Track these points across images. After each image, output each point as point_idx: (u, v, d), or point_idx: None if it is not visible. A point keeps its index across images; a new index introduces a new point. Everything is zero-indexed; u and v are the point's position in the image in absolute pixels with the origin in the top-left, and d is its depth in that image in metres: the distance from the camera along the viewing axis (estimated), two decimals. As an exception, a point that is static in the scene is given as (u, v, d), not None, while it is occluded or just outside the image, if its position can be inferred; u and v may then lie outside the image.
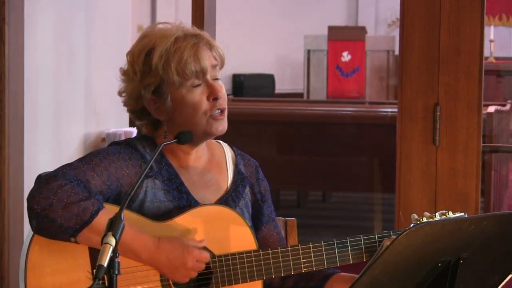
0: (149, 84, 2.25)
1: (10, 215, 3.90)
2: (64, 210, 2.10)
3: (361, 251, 2.28)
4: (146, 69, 2.25)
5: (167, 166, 2.29)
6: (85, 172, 2.19)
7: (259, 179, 2.43)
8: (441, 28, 3.58)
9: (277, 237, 2.43)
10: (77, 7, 4.96)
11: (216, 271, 2.23)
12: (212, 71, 2.26)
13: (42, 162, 4.50)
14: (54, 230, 2.11)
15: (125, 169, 2.24)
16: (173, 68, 2.22)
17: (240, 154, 2.44)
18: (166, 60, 2.23)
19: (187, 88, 2.24)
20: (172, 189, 2.27)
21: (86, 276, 2.16)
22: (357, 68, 11.32)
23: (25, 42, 4.03)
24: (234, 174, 2.39)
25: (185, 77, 2.22)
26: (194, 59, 2.23)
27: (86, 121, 5.10)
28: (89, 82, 5.07)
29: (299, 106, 8.22)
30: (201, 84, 2.25)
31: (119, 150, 2.26)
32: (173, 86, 2.24)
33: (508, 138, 7.44)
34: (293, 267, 2.26)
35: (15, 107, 3.96)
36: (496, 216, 1.98)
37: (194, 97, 2.24)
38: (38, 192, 2.12)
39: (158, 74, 2.23)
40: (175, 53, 2.22)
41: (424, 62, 3.60)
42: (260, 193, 2.42)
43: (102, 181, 2.20)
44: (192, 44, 2.24)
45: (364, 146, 6.79)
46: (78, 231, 2.11)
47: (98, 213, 2.12)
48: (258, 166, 2.45)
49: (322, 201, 8.49)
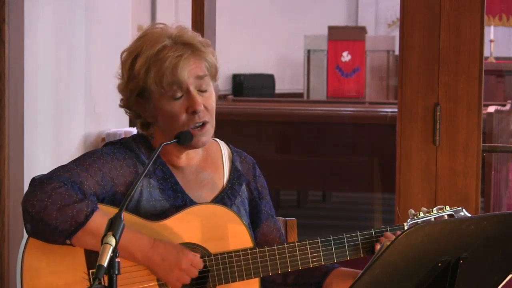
0: (133, 88, 2.26)
1: (10, 215, 3.90)
2: (59, 213, 2.10)
3: (358, 247, 2.28)
4: (130, 74, 2.25)
5: (162, 166, 2.29)
6: (79, 173, 2.19)
7: (256, 176, 2.42)
8: (441, 28, 3.58)
9: (277, 233, 2.43)
10: (77, 7, 4.96)
11: (213, 269, 2.23)
12: (197, 82, 2.23)
13: (42, 162, 4.50)
14: (49, 233, 2.12)
15: (119, 169, 2.24)
16: (152, 78, 2.21)
17: (236, 151, 2.43)
18: (147, 69, 2.22)
19: (167, 98, 2.23)
20: (167, 188, 2.27)
21: (82, 276, 2.17)
22: (357, 68, 11.32)
23: (25, 42, 4.03)
24: (230, 172, 2.38)
25: (162, 89, 2.21)
26: (172, 71, 2.20)
27: (86, 121, 5.10)
28: (89, 82, 5.07)
29: (299, 106, 8.22)
30: (183, 95, 2.23)
31: (113, 150, 2.26)
32: (154, 94, 2.24)
33: (508, 138, 7.44)
34: (290, 264, 2.26)
35: (15, 107, 3.96)
36: (496, 216, 1.98)
37: (173, 108, 2.22)
38: (33, 196, 2.12)
39: (140, 81, 2.23)
40: (156, 62, 2.21)
41: (424, 62, 3.60)
42: (257, 190, 2.42)
43: (96, 182, 2.20)
44: (176, 55, 2.21)
45: (364, 146, 6.79)
46: (73, 233, 2.12)
47: (92, 214, 2.12)
48: (254, 163, 2.44)
49: (322, 201, 8.49)
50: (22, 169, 4.00)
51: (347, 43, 11.33)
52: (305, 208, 8.15)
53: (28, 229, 2.14)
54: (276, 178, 6.59)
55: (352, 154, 6.80)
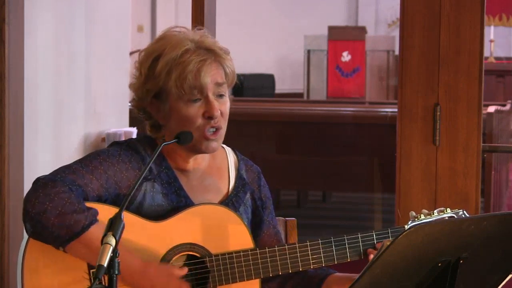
0: (150, 89, 2.25)
1: (10, 215, 3.90)
2: (57, 219, 2.10)
3: (359, 248, 2.28)
4: (150, 74, 2.25)
5: (167, 169, 2.29)
6: (83, 175, 2.19)
7: (260, 186, 2.42)
8: (441, 28, 3.58)
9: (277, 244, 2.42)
10: (77, 7, 4.96)
11: (213, 270, 2.22)
12: (215, 88, 2.25)
13: (42, 162, 4.50)
14: (46, 236, 2.12)
15: (124, 172, 2.23)
16: (173, 80, 2.21)
17: (243, 159, 2.43)
18: (168, 70, 2.22)
19: (185, 101, 2.23)
20: (171, 192, 2.27)
21: (83, 276, 2.17)
22: (357, 68, 11.32)
23: (25, 42, 4.03)
24: (235, 179, 2.38)
25: (183, 91, 2.21)
26: (195, 75, 2.21)
27: (86, 121, 5.10)
28: (89, 82, 5.07)
29: (299, 106, 8.22)
30: (201, 99, 2.23)
31: (119, 152, 2.26)
32: (172, 96, 2.23)
33: (508, 138, 7.44)
34: (290, 265, 2.25)
35: (15, 107, 3.96)
36: (496, 216, 1.98)
37: (190, 111, 2.22)
38: (35, 196, 2.12)
39: (159, 82, 2.23)
40: (179, 65, 2.21)
41: (424, 62, 3.60)
42: (261, 200, 2.41)
43: (100, 185, 2.20)
44: (199, 60, 2.22)
45: (364, 146, 6.79)
46: (67, 241, 2.12)
47: (89, 227, 2.12)
48: (260, 172, 2.44)
49: (322, 201, 8.50)
50: (22, 169, 3.99)
51: (347, 43, 11.34)
52: (305, 208, 8.15)
53: (27, 228, 2.14)
54: (276, 178, 6.59)
55: (352, 154, 6.81)
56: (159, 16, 11.59)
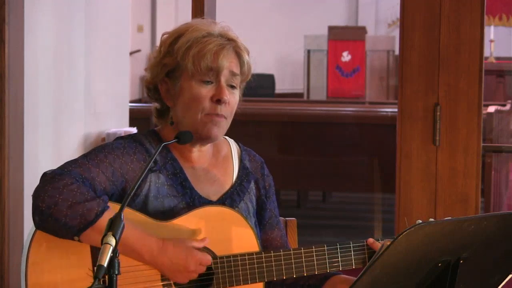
0: (166, 64, 2.28)
1: (10, 215, 3.90)
2: (69, 210, 2.11)
3: (364, 255, 2.27)
4: (169, 50, 2.28)
5: (172, 161, 2.30)
6: (90, 169, 2.19)
7: (264, 175, 2.44)
8: (441, 28, 3.58)
9: (278, 233, 2.44)
10: (77, 7, 4.96)
11: (218, 272, 2.23)
12: (229, 77, 2.28)
13: (42, 162, 4.50)
14: (57, 228, 2.12)
15: (130, 164, 2.24)
16: (191, 56, 2.23)
17: (245, 150, 2.45)
18: (188, 47, 2.24)
19: (197, 80, 2.25)
20: (176, 184, 2.28)
21: (87, 273, 2.17)
22: (357, 68, 11.32)
23: (25, 42, 4.03)
24: (239, 169, 2.40)
25: (198, 69, 2.23)
26: (214, 56, 2.24)
27: (86, 121, 5.10)
28: (89, 82, 5.07)
29: (299, 106, 8.23)
30: (213, 83, 2.25)
31: (123, 144, 2.27)
32: (186, 74, 2.25)
33: (508, 138, 7.44)
34: (295, 270, 2.25)
35: (15, 107, 3.96)
36: (496, 216, 1.98)
37: (200, 92, 2.25)
38: (44, 190, 2.12)
39: (177, 57, 2.25)
40: (199, 43, 2.24)
41: (424, 62, 3.60)
42: (265, 189, 2.44)
43: (106, 178, 2.20)
44: (219, 43, 2.26)
45: (364, 146, 6.80)
46: (82, 230, 2.12)
47: (103, 214, 2.12)
48: (263, 162, 2.47)
49: (322, 201, 8.50)
50: (22, 169, 4.00)
51: (347, 43, 11.34)
52: (305, 208, 8.15)
53: (37, 221, 2.14)
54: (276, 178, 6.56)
55: (352, 154, 6.81)
56: (159, 16, 11.58)
